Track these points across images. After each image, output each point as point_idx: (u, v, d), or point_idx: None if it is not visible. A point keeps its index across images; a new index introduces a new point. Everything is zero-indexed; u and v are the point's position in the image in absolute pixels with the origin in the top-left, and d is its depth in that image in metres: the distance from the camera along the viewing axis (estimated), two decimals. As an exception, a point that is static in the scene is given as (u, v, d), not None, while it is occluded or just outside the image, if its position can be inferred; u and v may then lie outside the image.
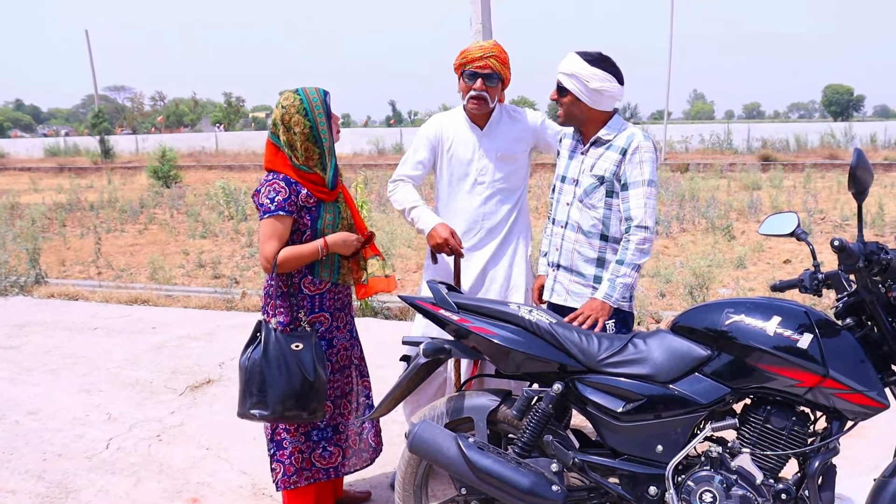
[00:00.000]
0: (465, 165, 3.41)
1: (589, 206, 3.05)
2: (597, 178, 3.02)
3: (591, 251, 3.08)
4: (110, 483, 3.78)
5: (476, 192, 3.40)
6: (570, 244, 3.12)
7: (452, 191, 3.46)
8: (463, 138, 3.42)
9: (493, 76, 3.28)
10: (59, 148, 38.10)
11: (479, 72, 3.26)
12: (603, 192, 3.02)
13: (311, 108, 2.91)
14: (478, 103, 3.31)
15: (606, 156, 3.01)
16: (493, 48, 3.29)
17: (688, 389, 2.48)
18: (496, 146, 3.39)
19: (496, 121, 3.42)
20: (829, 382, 2.33)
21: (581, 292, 3.11)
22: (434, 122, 3.52)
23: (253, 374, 2.83)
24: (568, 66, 2.98)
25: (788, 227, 2.65)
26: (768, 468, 2.46)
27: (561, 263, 3.17)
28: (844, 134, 28.27)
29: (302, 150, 2.93)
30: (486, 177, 3.39)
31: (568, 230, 3.12)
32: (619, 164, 2.99)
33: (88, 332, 6.57)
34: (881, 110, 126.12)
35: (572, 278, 3.14)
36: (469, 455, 2.51)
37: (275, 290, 3.02)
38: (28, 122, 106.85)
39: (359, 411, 3.23)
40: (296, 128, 2.90)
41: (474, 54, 3.26)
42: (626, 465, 2.57)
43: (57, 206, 15.29)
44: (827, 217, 11.74)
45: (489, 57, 3.25)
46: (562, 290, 3.18)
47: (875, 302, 2.37)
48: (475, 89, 3.28)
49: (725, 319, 2.46)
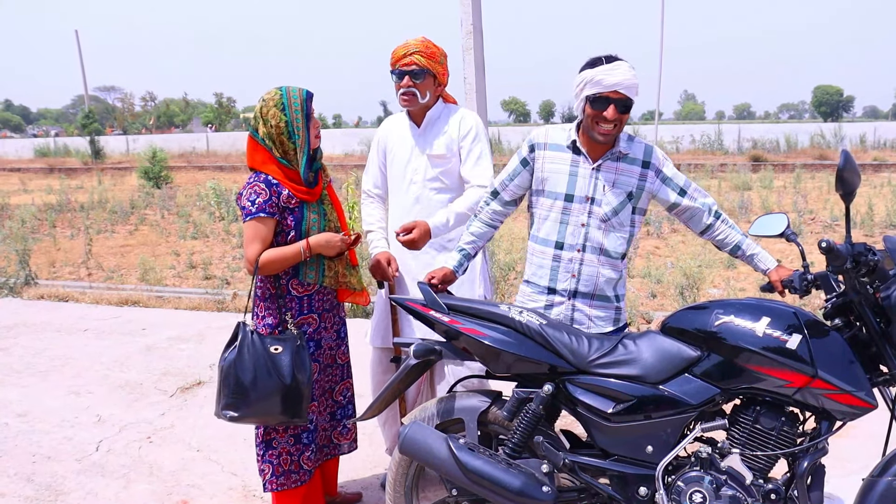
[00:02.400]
0: (403, 165, 3.43)
1: (617, 224, 2.80)
2: (625, 194, 2.79)
3: (614, 273, 2.85)
4: (100, 485, 3.76)
5: (410, 192, 3.40)
6: (593, 268, 2.82)
7: (394, 192, 3.49)
8: (402, 138, 3.45)
9: (419, 72, 3.29)
10: (49, 148, 37.91)
11: (404, 69, 3.28)
12: (630, 209, 2.81)
13: (288, 103, 2.93)
14: (408, 99, 3.33)
15: (628, 170, 2.78)
16: (419, 45, 3.29)
17: (678, 390, 2.49)
18: (428, 144, 3.39)
19: (433, 119, 3.41)
20: (818, 383, 2.34)
21: (606, 316, 2.88)
22: (382, 126, 3.58)
23: (228, 375, 2.83)
24: (631, 78, 2.65)
25: (778, 228, 2.67)
26: (758, 468, 2.47)
27: (580, 290, 2.84)
28: (834, 134, 28.40)
29: (278, 143, 2.95)
30: (419, 175, 3.38)
31: (588, 253, 2.81)
32: (643, 177, 2.79)
33: (78, 334, 6.54)
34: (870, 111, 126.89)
35: (595, 303, 2.86)
36: (459, 456, 2.51)
37: (262, 291, 3.01)
38: (17, 123, 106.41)
39: (331, 408, 3.24)
40: (272, 120, 2.93)
41: (399, 53, 3.29)
42: (617, 466, 2.58)
43: (47, 207, 15.22)
44: (817, 217, 11.79)
45: (412, 54, 3.27)
46: (584, 319, 2.86)
47: (863, 303, 2.39)
48: (402, 86, 3.31)
49: (715, 320, 2.47)
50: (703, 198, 2.84)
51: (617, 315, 2.90)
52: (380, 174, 3.54)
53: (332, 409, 3.25)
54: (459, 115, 3.42)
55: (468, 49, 5.06)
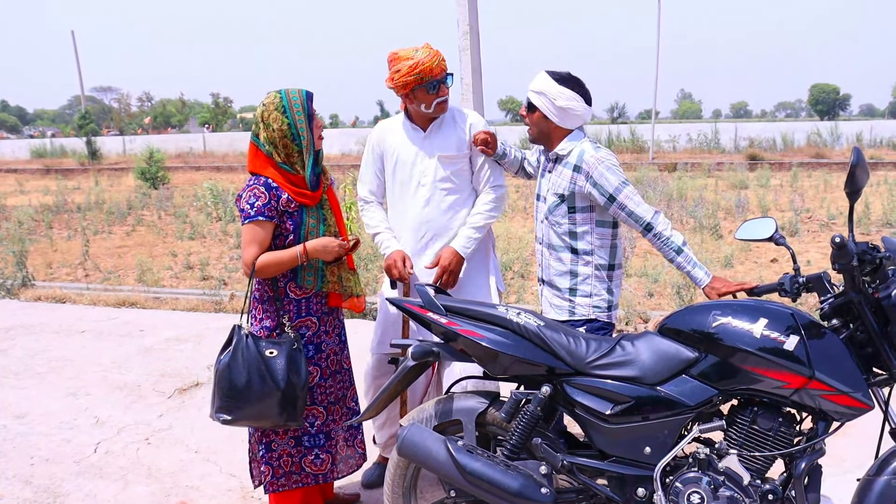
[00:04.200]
0: (408, 169, 3.41)
1: (554, 223, 3.12)
2: (558, 196, 3.09)
3: (563, 265, 3.13)
4: (98, 487, 3.76)
5: (419, 195, 3.38)
6: (546, 260, 3.21)
7: (399, 196, 3.46)
8: (406, 142, 3.42)
9: (449, 76, 3.32)
10: (46, 149, 37.82)
11: (438, 78, 3.26)
12: (565, 209, 3.08)
13: (289, 106, 2.92)
14: (443, 106, 3.35)
15: (563, 173, 3.07)
16: (437, 52, 3.26)
17: (675, 391, 2.50)
18: (437, 147, 3.38)
19: (439, 122, 3.41)
20: (815, 384, 2.35)
21: (561, 305, 3.15)
22: (377, 131, 3.54)
23: (222, 378, 2.83)
24: (537, 85, 3.07)
25: (766, 233, 2.68)
26: (755, 469, 2.48)
27: (543, 278, 3.26)
28: (831, 133, 28.43)
29: (281, 146, 2.94)
30: (428, 178, 3.37)
31: (543, 247, 3.23)
32: (574, 181, 3.02)
33: (76, 336, 6.54)
34: (867, 109, 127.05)
35: (552, 291, 3.20)
36: (458, 458, 2.52)
37: (260, 294, 3.01)
38: (14, 124, 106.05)
39: (346, 416, 3.23)
40: (274, 124, 2.91)
41: (430, 64, 3.20)
42: (615, 467, 2.58)
43: (44, 208, 15.20)
44: (814, 216, 11.81)
45: (441, 61, 3.25)
46: (546, 303, 3.26)
47: (863, 303, 2.39)
48: (442, 94, 3.30)
49: (712, 321, 2.48)
50: (635, 207, 2.95)
51: (571, 307, 3.12)
52: (376, 179, 3.52)
53: (348, 416, 3.24)
54: (463, 115, 3.46)
55: (465, 49, 5.06)
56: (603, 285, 3.09)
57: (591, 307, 3.09)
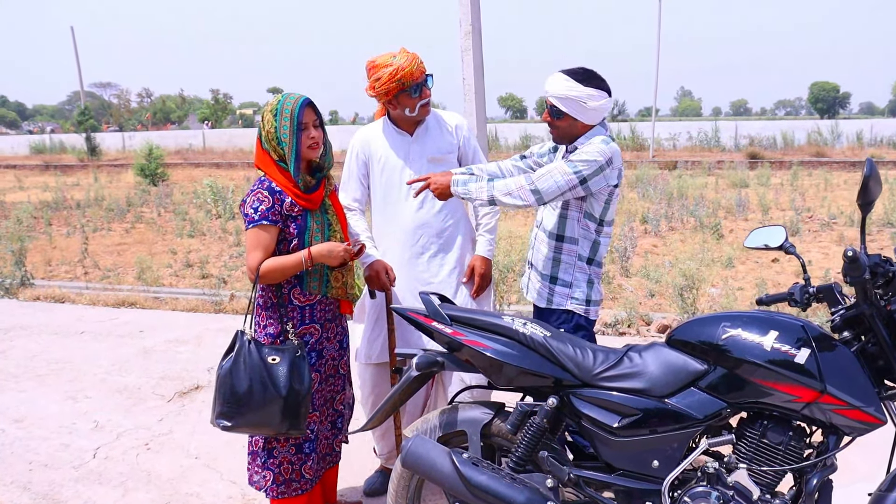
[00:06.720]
0: (398, 173, 3.38)
1: (553, 205, 3.11)
2: None
3: (548, 250, 3.12)
4: (97, 494, 3.73)
5: (412, 199, 3.35)
6: (539, 243, 3.20)
7: (387, 201, 3.43)
8: (392, 147, 3.40)
9: (429, 77, 3.30)
10: (45, 145, 37.82)
11: (419, 81, 3.25)
12: None
13: (280, 110, 2.92)
14: (427, 108, 3.34)
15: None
16: (414, 56, 3.25)
17: (683, 404, 2.46)
18: (426, 150, 3.37)
19: (425, 125, 3.40)
20: (827, 398, 2.31)
21: (541, 291, 3.16)
22: (360, 138, 3.49)
23: (223, 384, 2.80)
24: (560, 89, 2.95)
25: (776, 241, 2.64)
26: (765, 483, 2.44)
27: (532, 262, 3.26)
28: (831, 131, 28.43)
29: (272, 147, 2.95)
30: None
31: (539, 230, 3.21)
32: None
33: (75, 337, 6.50)
34: (867, 107, 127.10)
35: (536, 276, 3.21)
36: (463, 471, 2.48)
37: (264, 300, 2.98)
38: (13, 119, 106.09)
39: (332, 417, 3.22)
40: (266, 125, 2.94)
41: (409, 68, 3.19)
42: (622, 481, 2.54)
43: (43, 205, 15.16)
44: (814, 215, 11.78)
45: (420, 64, 3.24)
46: (531, 286, 3.26)
47: (875, 315, 2.35)
48: (425, 96, 3.29)
49: (722, 333, 2.44)
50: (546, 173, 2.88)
51: (549, 295, 3.12)
52: (360, 187, 3.48)
53: (333, 417, 3.22)
54: (447, 116, 3.49)
55: (467, 50, 5.01)
56: (583, 276, 3.07)
57: (570, 298, 3.07)
